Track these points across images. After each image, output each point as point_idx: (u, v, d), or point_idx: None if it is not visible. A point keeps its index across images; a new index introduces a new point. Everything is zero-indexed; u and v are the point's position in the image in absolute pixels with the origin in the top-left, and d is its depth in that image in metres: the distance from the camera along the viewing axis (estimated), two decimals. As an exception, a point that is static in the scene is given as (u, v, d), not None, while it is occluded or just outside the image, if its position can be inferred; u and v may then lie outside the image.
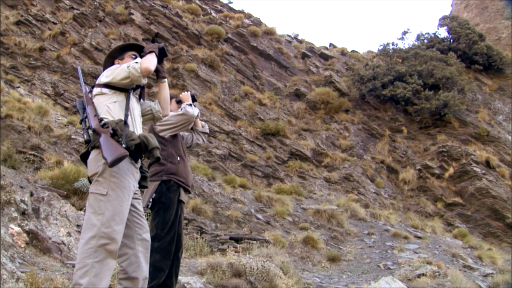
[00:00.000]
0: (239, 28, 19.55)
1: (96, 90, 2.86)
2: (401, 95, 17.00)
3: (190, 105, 3.84)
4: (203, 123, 4.26)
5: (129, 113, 2.82)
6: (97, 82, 2.88)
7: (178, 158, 3.77)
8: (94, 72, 13.55)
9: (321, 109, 17.30)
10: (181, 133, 4.03)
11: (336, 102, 17.37)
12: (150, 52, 2.94)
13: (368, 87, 17.66)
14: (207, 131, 4.28)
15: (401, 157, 15.87)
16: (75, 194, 6.91)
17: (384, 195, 14.09)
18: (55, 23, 15.46)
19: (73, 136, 9.85)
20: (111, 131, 2.62)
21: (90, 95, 2.85)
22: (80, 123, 2.78)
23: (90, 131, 2.69)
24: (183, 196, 3.78)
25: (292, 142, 14.89)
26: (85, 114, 2.76)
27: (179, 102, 3.98)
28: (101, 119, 2.69)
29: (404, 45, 20.61)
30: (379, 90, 17.55)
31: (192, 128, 4.15)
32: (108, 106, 2.78)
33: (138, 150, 2.72)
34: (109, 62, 3.05)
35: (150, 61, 2.83)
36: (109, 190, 2.59)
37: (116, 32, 15.84)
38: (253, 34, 19.61)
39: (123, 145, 2.59)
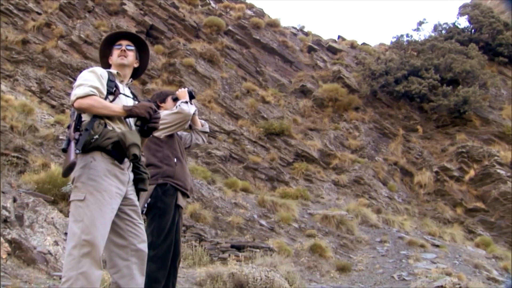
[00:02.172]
0: (241, 20, 19.54)
1: None
2: (416, 91, 16.94)
3: (186, 102, 3.83)
4: (202, 121, 4.23)
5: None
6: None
7: (175, 160, 3.76)
8: (84, 67, 13.49)
9: (329, 106, 17.29)
10: (179, 132, 4.02)
11: (345, 99, 17.36)
12: (127, 108, 2.77)
13: (380, 83, 17.63)
14: (207, 130, 4.26)
15: (416, 159, 15.81)
16: (63, 199, 6.87)
17: (398, 200, 14.05)
18: (39, 13, 15.33)
19: (61, 137, 9.81)
20: (76, 137, 2.58)
21: None
22: (68, 128, 2.75)
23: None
24: (181, 201, 3.76)
25: (298, 143, 14.87)
26: (73, 120, 2.73)
27: (176, 99, 3.96)
28: (79, 122, 2.68)
29: (419, 36, 20.60)
30: (392, 86, 17.51)
31: (191, 127, 4.14)
32: None
33: (119, 149, 2.68)
34: (105, 63, 3.04)
35: (96, 103, 2.67)
36: (87, 195, 2.58)
37: (107, 24, 15.81)
38: (256, 26, 19.60)
39: (77, 150, 2.52)
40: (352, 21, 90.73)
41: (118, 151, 2.69)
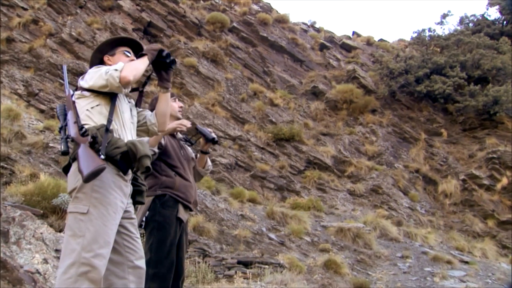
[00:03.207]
0: (246, 16, 19.58)
1: (77, 93, 2.86)
2: (440, 91, 16.83)
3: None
4: (209, 162, 4.20)
5: (115, 117, 2.81)
6: (79, 84, 2.88)
7: (174, 173, 3.76)
8: (75, 68, 13.55)
9: (343, 109, 17.29)
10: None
11: (361, 101, 17.34)
12: (142, 55, 2.89)
13: (399, 83, 17.59)
14: (205, 173, 4.24)
15: (440, 165, 15.70)
16: (54, 212, 6.85)
17: (421, 211, 13.95)
18: (25, 9, 15.23)
19: (50, 144, 9.81)
20: (90, 140, 2.61)
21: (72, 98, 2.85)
22: (59, 132, 2.76)
23: (69, 141, 2.68)
24: (182, 214, 3.72)
25: (310, 149, 14.84)
26: (65, 122, 2.75)
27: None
28: (81, 127, 2.68)
29: (443, 30, 20.47)
30: (413, 86, 17.45)
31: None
32: (89, 110, 2.78)
33: (126, 160, 2.71)
34: (97, 57, 3.07)
35: (133, 69, 2.77)
36: (91, 208, 2.56)
37: (101, 21, 15.86)
38: (263, 22, 19.62)
39: (101, 156, 2.57)
40: (368, 15, 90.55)
41: (125, 162, 2.71)
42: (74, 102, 2.82)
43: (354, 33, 24.20)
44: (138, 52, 3.09)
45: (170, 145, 3.84)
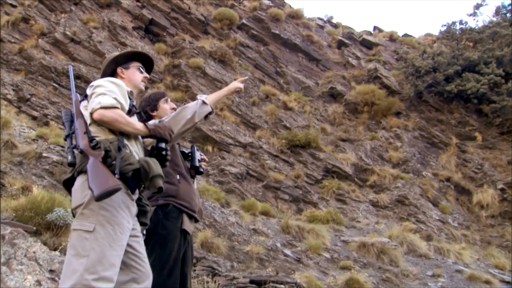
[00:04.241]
0: (256, 12, 19.66)
1: (85, 102, 2.96)
2: (473, 91, 16.77)
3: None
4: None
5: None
6: (88, 93, 2.98)
7: (178, 177, 3.73)
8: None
9: (364, 112, 17.31)
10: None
11: (383, 103, 17.35)
12: (145, 124, 3.02)
13: (426, 82, 17.55)
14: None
15: (474, 173, 15.59)
16: (48, 229, 6.83)
17: (453, 224, 13.82)
18: (14, 6, 15.33)
19: (44, 154, 9.85)
20: (103, 154, 2.67)
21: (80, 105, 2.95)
22: (65, 139, 2.84)
23: (77, 152, 2.74)
24: (187, 225, 3.69)
25: (328, 156, 14.82)
26: (72, 129, 2.82)
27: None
28: (92, 138, 2.74)
29: (476, 22, 20.53)
30: (442, 85, 17.41)
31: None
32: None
33: (136, 178, 2.80)
34: (111, 68, 3.27)
35: (121, 119, 2.83)
36: (97, 226, 2.61)
37: (98, 19, 16.02)
38: (275, 18, 19.70)
39: (116, 174, 2.64)
40: (391, 8, 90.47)
41: (135, 180, 2.80)
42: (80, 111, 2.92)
43: (375, 28, 24.22)
44: (150, 70, 3.41)
45: (172, 147, 3.84)
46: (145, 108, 3.94)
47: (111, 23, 15.93)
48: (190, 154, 4.00)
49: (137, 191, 2.88)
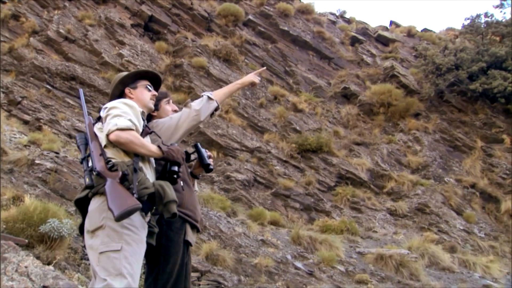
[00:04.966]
0: (264, 7, 19.70)
1: (99, 124, 3.25)
2: (500, 89, 16.70)
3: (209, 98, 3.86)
4: (196, 188, 4.22)
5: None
6: (102, 115, 3.26)
7: (181, 184, 3.72)
8: (65, 71, 13.72)
9: (380, 114, 17.31)
10: None
11: (401, 103, 17.32)
12: (160, 148, 3.25)
13: (448, 80, 17.52)
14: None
15: (502, 179, 15.53)
16: (42, 242, 6.83)
17: (479, 234, 13.77)
18: (3, 2, 15.34)
19: (37, 161, 9.86)
20: (121, 176, 2.93)
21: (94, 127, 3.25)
22: (81, 163, 3.13)
23: (94, 174, 2.98)
24: (190, 236, 3.71)
25: (341, 161, 14.83)
26: (87, 152, 3.10)
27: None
28: (108, 160, 3.00)
29: (503, 15, 20.40)
30: (465, 84, 17.38)
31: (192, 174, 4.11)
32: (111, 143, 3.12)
33: (150, 201, 3.06)
34: (118, 89, 3.55)
35: (136, 140, 3.10)
36: (124, 245, 2.89)
37: (94, 16, 16.10)
38: (283, 13, 19.73)
39: (135, 194, 2.89)
40: (409, 0, 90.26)
41: (149, 204, 3.07)
42: (95, 133, 3.20)
43: (392, 23, 24.19)
44: (158, 86, 3.70)
45: None
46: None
47: (108, 20, 16.01)
48: (196, 153, 4.01)
49: (148, 214, 3.13)
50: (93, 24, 15.75)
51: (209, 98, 3.74)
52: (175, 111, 4.00)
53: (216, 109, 3.79)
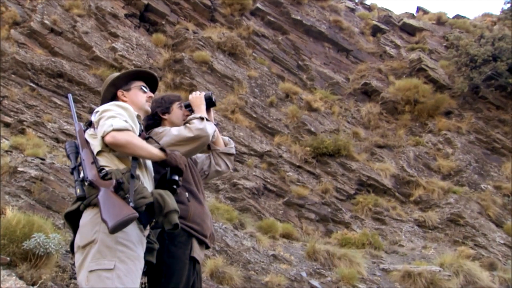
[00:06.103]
0: (273, -7, 19.72)
1: (90, 130, 3.29)
2: (545, 83, 16.69)
3: (202, 118, 3.82)
4: (226, 138, 4.34)
5: (139, 161, 3.20)
6: (93, 119, 3.30)
7: (187, 195, 3.78)
8: (51, 67, 13.76)
9: (405, 113, 17.34)
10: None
11: (430, 100, 17.33)
12: (164, 151, 3.28)
13: (484, 74, 17.50)
14: (233, 151, 4.35)
15: (548, 186, 15.44)
16: (25, 259, 6.84)
17: (522, 248, 13.67)
18: (-22, -11, 15.51)
19: (20, 169, 9.86)
20: (115, 184, 2.93)
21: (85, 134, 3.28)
22: (71, 173, 3.14)
23: (86, 184, 3.00)
24: (197, 252, 3.75)
25: (362, 166, 14.85)
26: (78, 161, 3.12)
27: (188, 106, 4.12)
28: (101, 168, 3.02)
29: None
30: (505, 77, 17.38)
31: (209, 148, 4.22)
32: (104, 150, 3.16)
33: (149, 212, 3.07)
34: (110, 92, 3.60)
35: (135, 142, 3.13)
36: (117, 263, 2.85)
37: (83, 5, 16.12)
38: (295, 1, 19.75)
39: (131, 203, 2.89)
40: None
41: (148, 215, 3.08)
42: (87, 140, 3.23)
43: (418, 9, 24.23)
44: (154, 87, 3.75)
45: (188, 162, 3.88)
46: (155, 110, 4.03)
47: (98, 9, 16.08)
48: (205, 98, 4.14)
49: (148, 227, 3.15)
50: (82, 14, 15.80)
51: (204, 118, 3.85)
52: (187, 115, 4.03)
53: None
